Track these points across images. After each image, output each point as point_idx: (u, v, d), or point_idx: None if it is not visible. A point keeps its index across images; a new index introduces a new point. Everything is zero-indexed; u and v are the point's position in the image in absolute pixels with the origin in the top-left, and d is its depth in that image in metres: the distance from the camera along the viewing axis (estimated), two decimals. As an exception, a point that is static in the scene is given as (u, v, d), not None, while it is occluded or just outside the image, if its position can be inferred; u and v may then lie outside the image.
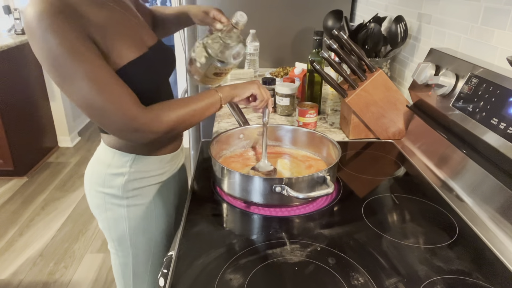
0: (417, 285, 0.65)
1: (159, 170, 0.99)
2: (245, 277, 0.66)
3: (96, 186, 0.96)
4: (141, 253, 1.04)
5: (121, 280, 1.08)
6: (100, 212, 0.99)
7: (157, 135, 0.79)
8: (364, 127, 1.23)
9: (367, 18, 1.69)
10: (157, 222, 1.03)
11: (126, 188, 0.95)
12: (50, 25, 0.67)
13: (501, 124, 0.80)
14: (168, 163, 1.02)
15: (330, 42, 1.17)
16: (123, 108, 0.74)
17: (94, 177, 0.96)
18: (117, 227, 0.99)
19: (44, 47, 0.69)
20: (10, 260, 2.14)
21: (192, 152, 2.38)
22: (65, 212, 2.56)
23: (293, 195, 0.80)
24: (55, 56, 0.69)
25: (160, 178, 1.01)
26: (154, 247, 1.05)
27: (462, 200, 0.90)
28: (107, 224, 1.00)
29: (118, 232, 1.00)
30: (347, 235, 0.77)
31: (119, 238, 1.01)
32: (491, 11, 0.96)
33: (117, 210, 0.97)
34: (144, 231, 1.01)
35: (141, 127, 0.76)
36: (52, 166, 3.14)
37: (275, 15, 2.01)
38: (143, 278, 1.07)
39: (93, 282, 1.99)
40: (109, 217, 0.98)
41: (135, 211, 0.98)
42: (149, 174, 0.97)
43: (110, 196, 0.95)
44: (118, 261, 1.05)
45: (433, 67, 1.07)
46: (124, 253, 1.03)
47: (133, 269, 1.05)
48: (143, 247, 1.03)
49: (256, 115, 1.43)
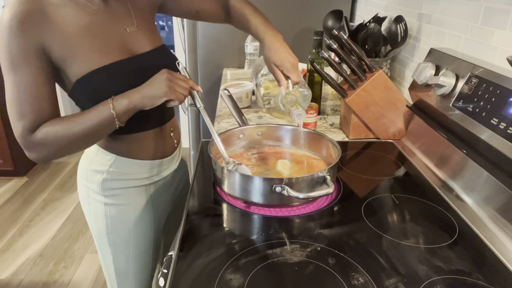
0: (417, 285, 0.65)
1: (141, 174, 0.98)
2: (245, 277, 0.66)
3: (81, 178, 0.99)
4: (120, 253, 1.03)
5: (107, 276, 1.09)
6: (85, 205, 1.02)
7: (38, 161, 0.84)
8: (364, 127, 1.23)
9: (367, 18, 1.69)
10: (138, 225, 1.02)
11: (104, 186, 0.96)
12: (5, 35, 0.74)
13: (501, 124, 0.80)
14: (154, 168, 1.00)
15: (330, 42, 1.17)
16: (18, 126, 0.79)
17: (80, 169, 0.99)
18: (98, 222, 1.00)
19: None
20: (10, 260, 2.14)
21: (192, 152, 2.38)
22: (65, 212, 2.56)
23: (293, 195, 0.80)
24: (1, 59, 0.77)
25: (143, 182, 1.00)
26: (133, 250, 1.04)
27: (462, 200, 0.90)
28: (89, 218, 1.02)
29: (99, 228, 1.01)
30: (347, 235, 0.77)
31: (99, 234, 1.02)
32: (491, 11, 0.96)
33: (98, 205, 0.98)
34: (123, 232, 1.01)
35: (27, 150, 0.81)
36: (52, 166, 3.15)
37: (275, 15, 2.01)
38: (127, 279, 1.07)
39: (93, 282, 1.99)
40: (91, 211, 1.00)
41: (114, 211, 0.98)
42: (128, 177, 0.97)
43: (92, 191, 0.97)
44: (102, 257, 1.06)
45: (433, 67, 1.07)
46: (105, 250, 1.04)
47: (114, 267, 1.05)
48: (122, 248, 1.03)
49: (256, 115, 1.43)
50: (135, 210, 1.01)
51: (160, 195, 1.06)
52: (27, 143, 0.80)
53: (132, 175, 0.97)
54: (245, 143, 1.10)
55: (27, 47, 0.75)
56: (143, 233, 1.04)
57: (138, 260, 1.06)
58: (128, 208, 0.99)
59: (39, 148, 0.81)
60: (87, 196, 0.99)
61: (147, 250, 1.07)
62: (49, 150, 0.81)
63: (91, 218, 1.01)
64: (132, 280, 1.07)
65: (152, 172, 1.00)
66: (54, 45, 0.78)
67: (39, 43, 0.76)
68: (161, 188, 1.06)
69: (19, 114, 0.78)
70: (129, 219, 1.00)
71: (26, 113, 0.78)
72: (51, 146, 0.81)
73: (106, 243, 1.02)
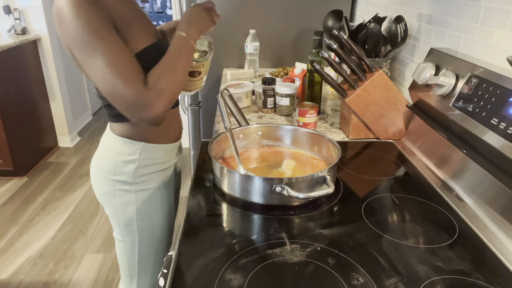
0: (417, 285, 0.65)
1: (164, 158, 1.06)
2: (245, 277, 0.66)
3: (105, 174, 1.01)
4: (146, 237, 1.08)
5: (125, 267, 1.12)
6: (108, 198, 1.04)
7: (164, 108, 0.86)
8: (364, 127, 1.23)
9: (367, 18, 1.69)
10: (162, 206, 1.09)
11: (136, 174, 1.01)
12: (77, 10, 0.78)
13: (501, 124, 0.80)
14: (171, 151, 1.09)
15: (330, 42, 1.17)
16: (132, 85, 0.81)
17: (103, 166, 1.02)
18: (125, 212, 1.04)
19: (72, 29, 0.80)
20: (10, 260, 2.14)
21: (192, 152, 2.38)
22: (65, 212, 2.56)
23: (293, 195, 0.80)
24: (80, 36, 0.80)
25: (165, 165, 1.07)
26: (158, 231, 1.10)
27: (462, 200, 0.90)
28: (115, 210, 1.05)
29: (126, 217, 1.05)
30: (347, 235, 0.77)
31: (126, 223, 1.06)
32: (491, 11, 0.96)
33: (126, 195, 1.03)
34: (150, 215, 1.06)
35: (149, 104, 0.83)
36: (52, 166, 3.15)
37: (275, 15, 2.01)
38: (148, 264, 1.12)
39: (93, 282, 1.99)
40: (117, 202, 1.04)
41: (142, 196, 1.04)
42: (156, 161, 1.04)
43: (120, 182, 1.01)
44: (125, 247, 1.09)
45: (433, 67, 1.07)
46: (131, 237, 1.07)
47: (138, 254, 1.09)
48: (148, 231, 1.08)
49: (256, 115, 1.43)
50: (160, 193, 1.07)
51: (171, 178, 1.13)
52: (148, 96, 0.82)
53: (157, 159, 1.04)
54: (245, 143, 1.10)
55: (105, 19, 0.82)
56: (165, 215, 1.10)
57: (162, 242, 1.12)
58: (154, 192, 1.06)
59: (161, 94, 0.84)
60: (112, 190, 1.02)
61: (169, 231, 1.14)
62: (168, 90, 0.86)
63: (117, 209, 1.04)
64: (153, 264, 1.12)
65: (169, 156, 1.08)
66: (117, 20, 0.86)
67: (111, 18, 0.84)
68: (172, 171, 1.13)
69: (128, 73, 0.81)
70: (156, 202, 1.07)
71: (133, 71, 0.82)
72: (167, 86, 0.85)
73: (134, 230, 1.06)
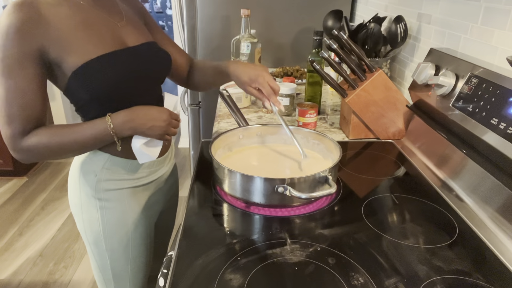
0: (417, 285, 0.65)
1: (134, 175, 0.98)
2: (245, 277, 0.66)
3: (73, 182, 0.98)
4: (118, 257, 1.03)
5: (102, 282, 1.07)
6: (77, 213, 1.00)
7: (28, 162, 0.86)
8: (364, 127, 1.23)
9: (367, 18, 1.69)
10: (136, 227, 1.02)
11: (99, 188, 0.95)
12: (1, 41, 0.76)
13: (501, 124, 0.80)
14: (146, 168, 1.01)
15: (330, 42, 1.17)
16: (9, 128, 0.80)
17: (72, 173, 0.99)
18: (92, 230, 0.99)
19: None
20: (10, 260, 2.14)
21: (192, 152, 2.38)
22: (65, 212, 2.56)
23: (296, 195, 0.79)
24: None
25: (135, 182, 1.00)
26: (131, 252, 1.04)
27: (462, 200, 0.90)
28: (83, 226, 1.00)
29: (94, 235, 0.99)
30: (347, 235, 0.77)
31: (95, 241, 1.00)
32: (491, 11, 0.96)
33: (92, 211, 0.97)
34: (120, 235, 1.00)
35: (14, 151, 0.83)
36: (52, 166, 3.14)
37: (275, 15, 2.01)
38: (124, 281, 1.06)
39: (93, 282, 1.99)
40: (85, 219, 0.99)
41: (109, 215, 0.98)
42: (121, 177, 0.97)
43: (85, 194, 0.96)
44: (96, 264, 1.04)
45: (433, 67, 1.07)
46: (101, 256, 1.02)
47: (112, 272, 1.04)
48: (120, 251, 1.02)
49: (256, 115, 1.43)
50: (131, 212, 1.00)
51: (153, 196, 1.06)
52: (16, 146, 0.82)
53: (124, 175, 0.97)
54: (245, 143, 1.10)
55: (24, 52, 0.77)
56: (139, 235, 1.04)
57: (136, 261, 1.05)
58: (124, 211, 0.99)
59: (28, 153, 0.83)
60: (80, 203, 0.97)
61: (145, 250, 1.07)
62: (37, 157, 0.84)
63: (85, 226, 0.99)
64: (130, 281, 1.07)
65: (143, 173, 1.00)
66: (51, 42, 0.79)
67: (36, 47, 0.78)
68: (154, 188, 1.06)
69: (9, 118, 0.80)
70: (125, 221, 1.00)
71: (16, 118, 0.80)
72: (40, 154, 0.83)
73: (103, 249, 1.01)
